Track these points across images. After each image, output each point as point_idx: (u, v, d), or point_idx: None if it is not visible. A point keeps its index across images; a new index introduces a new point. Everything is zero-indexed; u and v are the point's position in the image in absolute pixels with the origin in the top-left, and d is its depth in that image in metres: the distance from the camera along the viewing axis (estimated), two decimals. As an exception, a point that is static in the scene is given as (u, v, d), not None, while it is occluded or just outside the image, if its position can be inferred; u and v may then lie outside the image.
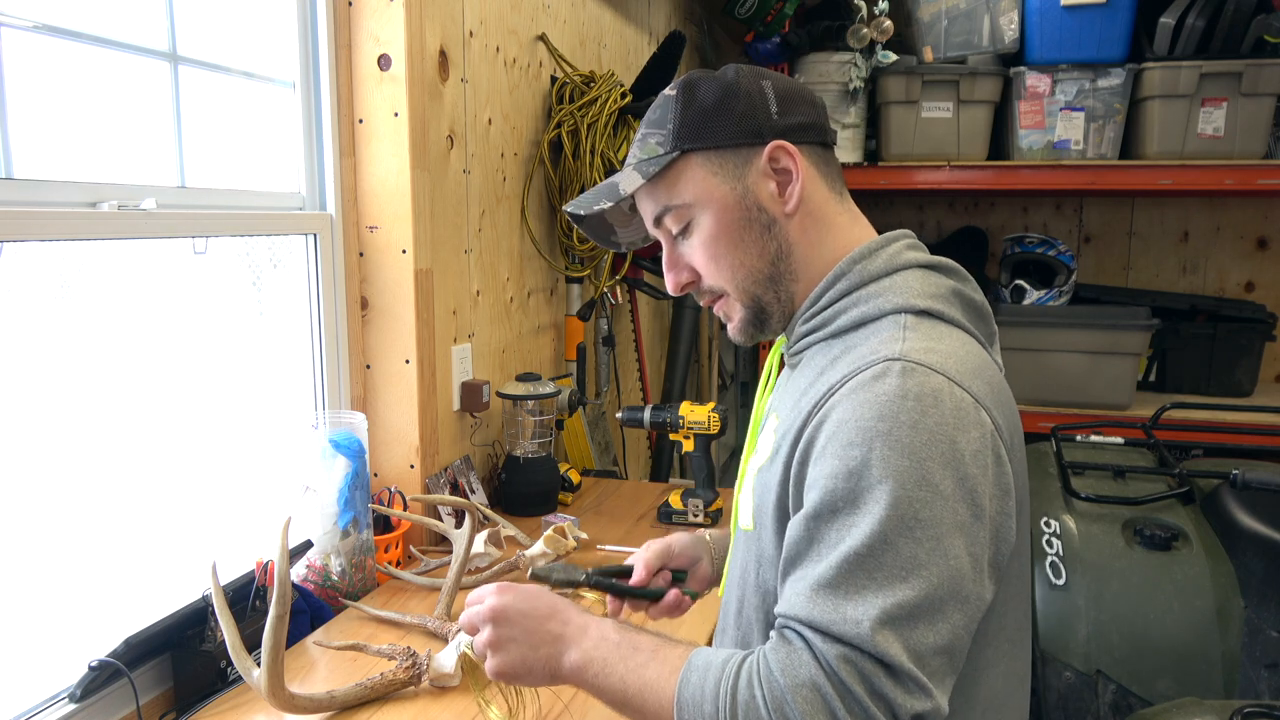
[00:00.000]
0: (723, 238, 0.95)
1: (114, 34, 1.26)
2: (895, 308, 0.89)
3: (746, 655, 0.82)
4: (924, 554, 0.76)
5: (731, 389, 4.15)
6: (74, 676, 1.16)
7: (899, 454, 0.78)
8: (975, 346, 0.90)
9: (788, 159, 0.94)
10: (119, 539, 1.29)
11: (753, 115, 0.94)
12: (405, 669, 1.22)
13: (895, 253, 0.94)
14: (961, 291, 0.94)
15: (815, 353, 0.94)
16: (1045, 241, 3.12)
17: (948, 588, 0.76)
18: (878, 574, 0.76)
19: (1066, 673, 1.81)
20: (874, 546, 0.76)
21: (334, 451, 1.49)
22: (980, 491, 0.79)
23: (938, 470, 0.78)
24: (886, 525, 0.76)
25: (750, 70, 0.97)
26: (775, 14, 3.12)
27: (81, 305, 1.24)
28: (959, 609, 0.77)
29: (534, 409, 1.98)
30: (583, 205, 1.03)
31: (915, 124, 2.99)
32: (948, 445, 0.78)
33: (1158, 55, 2.77)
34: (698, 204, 0.96)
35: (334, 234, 1.67)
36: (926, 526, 0.77)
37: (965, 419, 0.80)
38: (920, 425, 0.78)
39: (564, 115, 2.23)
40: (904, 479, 0.77)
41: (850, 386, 0.83)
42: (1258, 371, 3.15)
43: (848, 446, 0.80)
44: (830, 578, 0.78)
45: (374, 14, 1.65)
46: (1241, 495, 1.87)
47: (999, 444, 0.83)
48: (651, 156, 0.97)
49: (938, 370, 0.82)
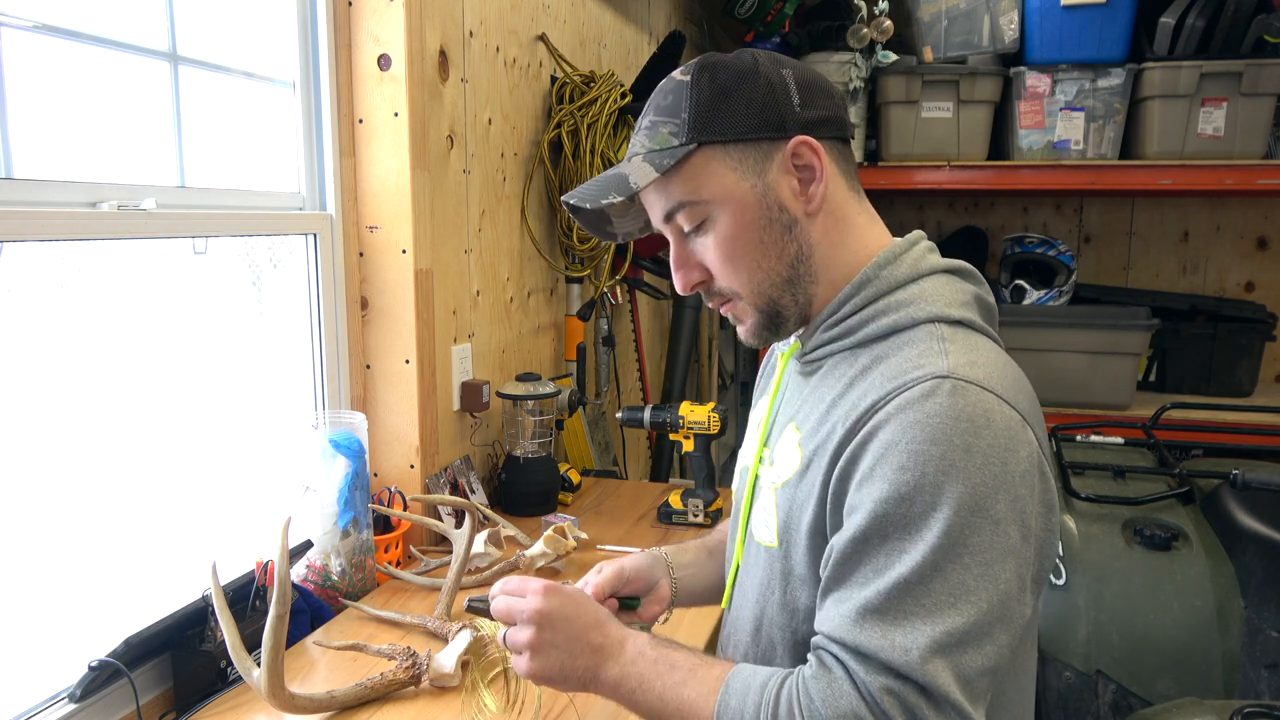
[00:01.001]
0: (741, 239, 0.90)
1: (114, 34, 1.26)
2: (929, 316, 0.86)
3: (786, 677, 0.81)
4: (973, 580, 0.75)
5: (731, 389, 4.14)
6: (74, 676, 1.16)
7: (953, 479, 0.76)
8: (1005, 355, 0.88)
9: (811, 155, 0.88)
10: (119, 539, 1.29)
11: (774, 106, 0.88)
12: (405, 669, 1.22)
13: (919, 256, 0.91)
14: (982, 297, 0.92)
15: (839, 361, 0.90)
16: (1045, 241, 3.12)
17: (996, 612, 0.76)
18: (926, 601, 0.75)
19: (1066, 673, 1.81)
20: (925, 574, 0.75)
21: (334, 451, 1.49)
22: (1028, 512, 0.79)
23: (990, 495, 0.76)
24: (939, 553, 0.75)
25: (769, 56, 0.91)
26: (775, 14, 3.12)
27: (81, 305, 1.24)
28: (1005, 630, 0.77)
29: (534, 409, 1.98)
30: (588, 198, 0.93)
31: (915, 124, 2.99)
32: (1000, 468, 0.77)
33: (1158, 55, 2.77)
34: (715, 202, 0.89)
35: (334, 234, 1.67)
36: (977, 553, 0.76)
37: (1015, 439, 0.79)
38: (974, 449, 0.77)
39: (564, 115, 2.23)
40: (958, 505, 0.76)
41: (897, 404, 0.80)
42: (1258, 371, 3.14)
43: (899, 470, 0.77)
44: (878, 604, 0.76)
45: (374, 14, 1.65)
46: (1241, 495, 1.87)
47: (1043, 461, 0.82)
48: (664, 148, 0.89)
49: (987, 388, 0.80)
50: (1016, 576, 0.77)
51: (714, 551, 1.17)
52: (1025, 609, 0.79)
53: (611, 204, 0.92)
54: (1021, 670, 0.90)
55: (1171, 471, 2.09)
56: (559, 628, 0.88)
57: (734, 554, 1.02)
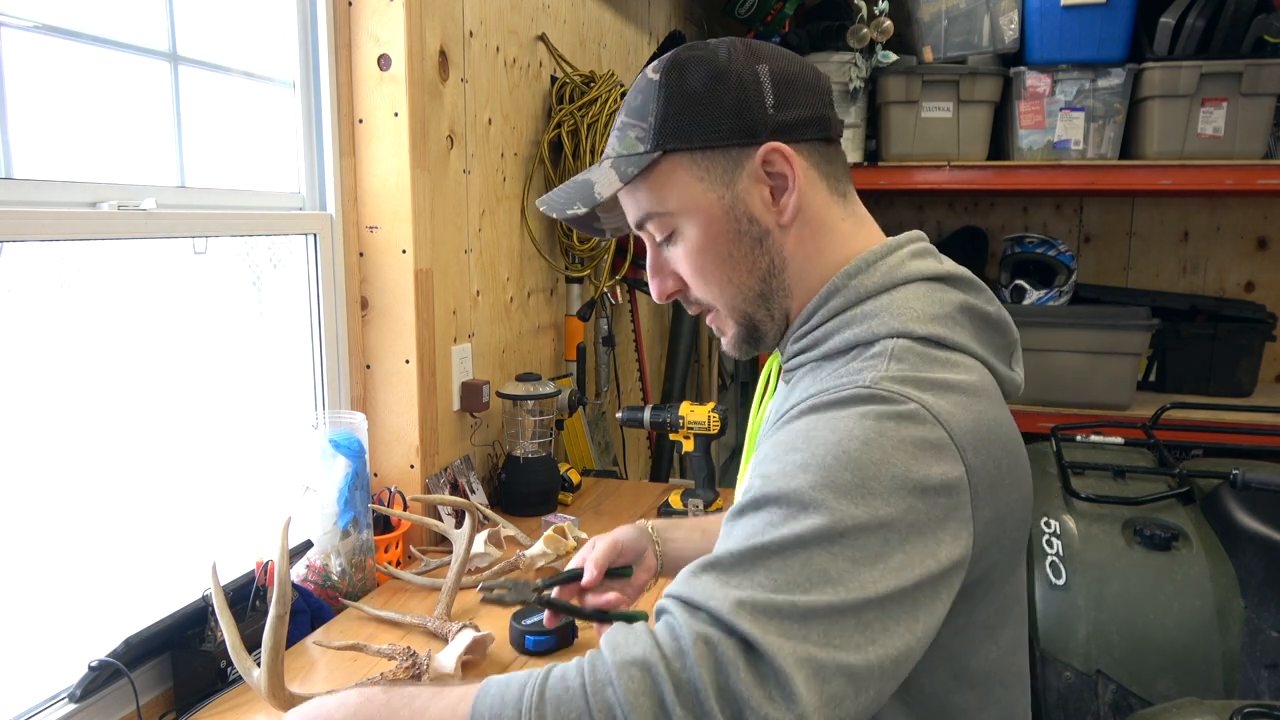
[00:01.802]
0: (709, 252, 0.86)
1: (114, 34, 1.26)
2: (890, 332, 0.79)
3: (553, 666, 0.70)
4: (836, 572, 0.66)
5: (731, 389, 4.14)
6: (74, 676, 1.16)
7: (844, 466, 0.69)
8: (976, 376, 0.80)
9: (783, 163, 0.83)
10: (119, 539, 1.29)
11: (745, 109, 0.83)
12: (405, 669, 1.22)
13: (896, 264, 0.85)
14: (972, 306, 0.85)
15: (806, 373, 0.86)
16: (1045, 241, 3.12)
17: (855, 614, 0.65)
18: (779, 574, 0.65)
19: (1066, 673, 1.81)
20: (786, 548, 0.66)
21: (334, 451, 1.49)
22: (923, 529, 0.69)
23: (881, 494, 0.68)
24: (807, 533, 0.67)
25: (745, 50, 0.85)
26: (775, 14, 3.12)
27: (81, 305, 1.24)
28: (873, 646, 0.65)
29: (534, 409, 1.98)
30: (554, 208, 0.92)
31: (915, 124, 2.99)
32: (901, 470, 0.69)
33: (1158, 55, 2.77)
34: (681, 213, 0.85)
35: (334, 234, 1.67)
36: (849, 547, 0.66)
37: (928, 452, 0.71)
38: (873, 444, 0.70)
39: (564, 115, 2.23)
40: (841, 492, 0.68)
41: (810, 404, 0.76)
42: (1258, 371, 3.15)
43: (789, 450, 0.72)
44: (725, 562, 0.67)
45: (374, 14, 1.65)
46: (1241, 495, 1.87)
47: (964, 489, 0.72)
48: (630, 153, 0.86)
49: (912, 399, 0.73)
50: (894, 591, 0.67)
51: (708, 531, 1.17)
52: (910, 640, 0.67)
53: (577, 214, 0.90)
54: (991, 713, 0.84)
55: (1171, 471, 2.09)
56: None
57: None
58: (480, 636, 1.29)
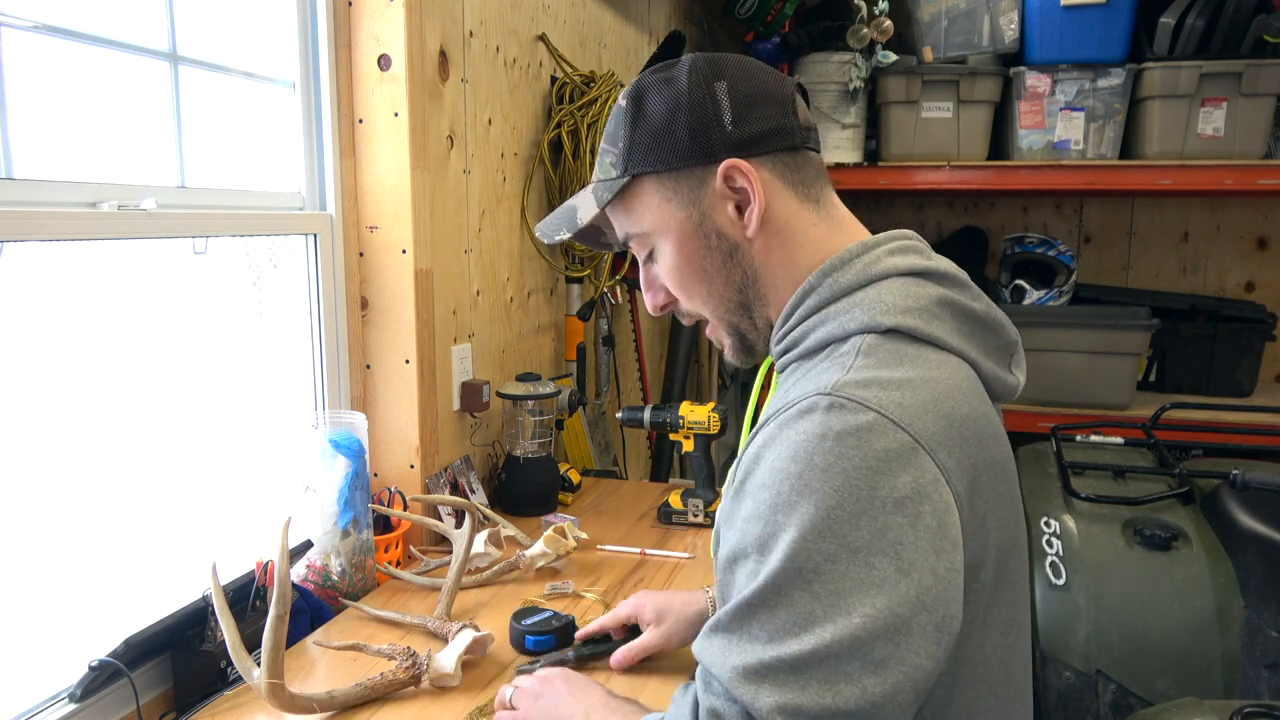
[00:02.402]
0: (686, 268, 0.89)
1: (114, 34, 1.26)
2: (861, 326, 0.80)
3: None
4: (820, 609, 0.68)
5: (731, 389, 4.14)
6: (74, 676, 1.16)
7: (806, 500, 0.70)
8: (950, 370, 0.80)
9: (743, 179, 0.85)
10: (119, 539, 1.29)
11: (703, 130, 0.85)
12: (405, 669, 1.22)
13: (871, 261, 0.85)
14: (954, 301, 0.84)
15: (789, 374, 0.87)
16: (1045, 241, 3.12)
17: (849, 647, 0.68)
18: (769, 625, 0.70)
19: (1066, 673, 1.81)
20: (768, 597, 0.71)
21: (334, 451, 1.49)
22: (906, 544, 0.69)
23: (848, 520, 0.69)
24: (783, 576, 0.70)
25: (705, 69, 0.87)
26: (775, 14, 3.12)
27: (81, 305, 1.24)
28: (871, 673, 0.67)
29: (534, 409, 1.98)
30: (545, 234, 1.00)
31: (915, 124, 2.99)
32: (866, 492, 0.70)
33: (1158, 55, 2.77)
34: (655, 232, 0.90)
35: (334, 234, 1.67)
36: (826, 580, 0.69)
37: (893, 462, 0.71)
38: (834, 469, 0.70)
39: (564, 115, 2.23)
40: (806, 528, 0.70)
41: (778, 422, 0.76)
42: (1258, 371, 3.15)
43: (760, 488, 0.74)
44: (726, 622, 0.74)
45: (374, 14, 1.65)
46: (1241, 495, 1.87)
47: (942, 491, 0.72)
48: (606, 179, 0.91)
49: (870, 406, 0.72)
50: (888, 614, 0.68)
51: None
52: (912, 655, 0.69)
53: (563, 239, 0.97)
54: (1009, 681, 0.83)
55: (1171, 471, 2.09)
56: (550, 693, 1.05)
57: None
58: (480, 636, 1.29)
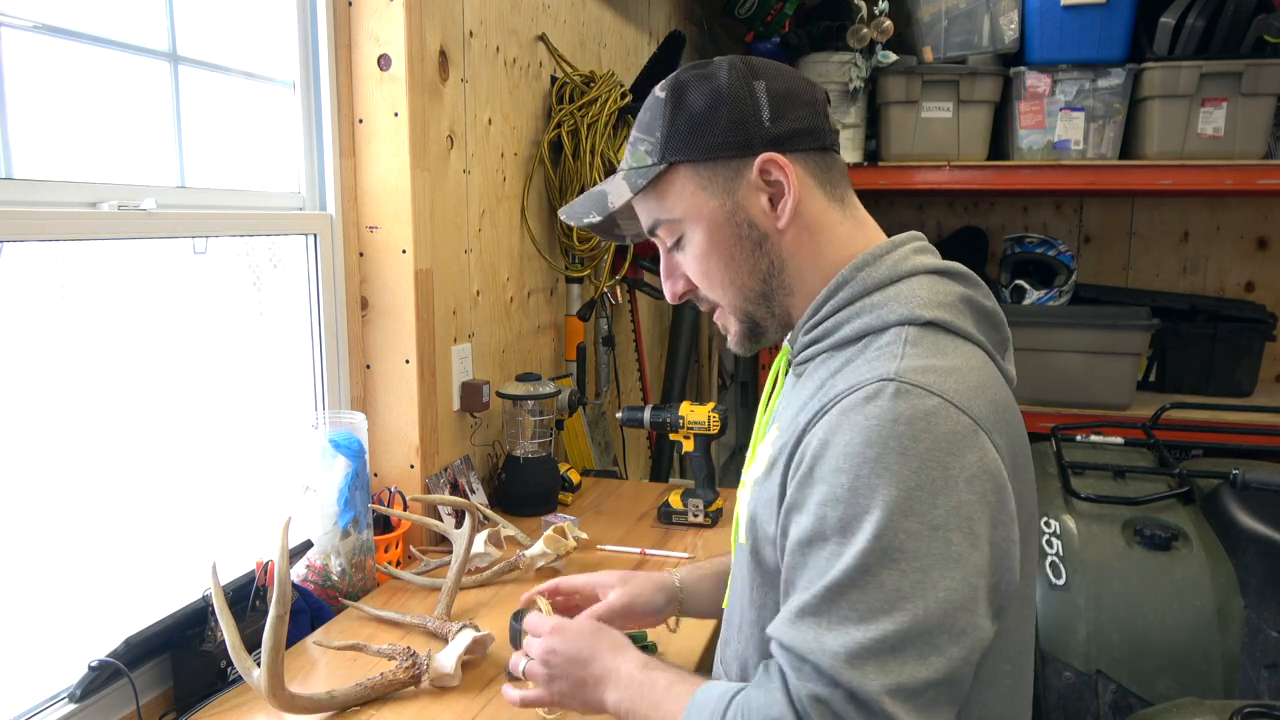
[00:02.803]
0: (713, 255, 0.93)
1: (114, 34, 1.26)
2: (900, 319, 0.85)
3: (737, 693, 0.83)
4: (909, 586, 0.73)
5: (731, 389, 4.14)
6: (74, 676, 1.16)
7: (887, 482, 0.75)
8: (981, 360, 0.86)
9: (779, 172, 0.89)
10: (119, 539, 1.29)
11: (743, 124, 0.89)
12: (405, 669, 1.22)
13: (900, 258, 0.90)
14: (972, 299, 0.90)
15: (819, 364, 0.91)
16: (1045, 241, 3.12)
17: (937, 621, 0.73)
18: (860, 605, 0.74)
19: (1066, 673, 1.81)
20: (857, 577, 0.74)
21: (334, 451, 1.49)
22: (976, 519, 0.76)
23: (927, 499, 0.75)
24: (870, 556, 0.74)
25: (743, 68, 0.92)
26: (775, 14, 3.12)
27: (81, 305, 1.24)
28: (954, 642, 0.74)
29: (534, 409, 1.98)
30: (573, 217, 1.01)
31: (915, 124, 2.99)
32: (940, 472, 0.75)
33: (1158, 55, 2.77)
34: (687, 220, 0.93)
35: (334, 234, 1.67)
36: (912, 558, 0.74)
37: (961, 444, 0.77)
38: (910, 452, 0.75)
39: (564, 115, 2.23)
40: (891, 508, 0.74)
41: (841, 407, 0.80)
42: (1258, 371, 3.15)
43: (835, 473, 0.77)
44: (813, 606, 0.76)
45: (374, 14, 1.65)
46: (1241, 495, 1.87)
47: (1000, 469, 0.79)
48: (640, 166, 0.94)
49: (934, 391, 0.78)
50: (965, 585, 0.74)
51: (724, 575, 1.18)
52: (982, 622, 0.76)
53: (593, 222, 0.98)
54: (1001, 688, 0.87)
55: (1171, 471, 2.09)
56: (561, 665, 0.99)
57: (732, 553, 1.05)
58: (480, 636, 1.29)
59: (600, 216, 0.97)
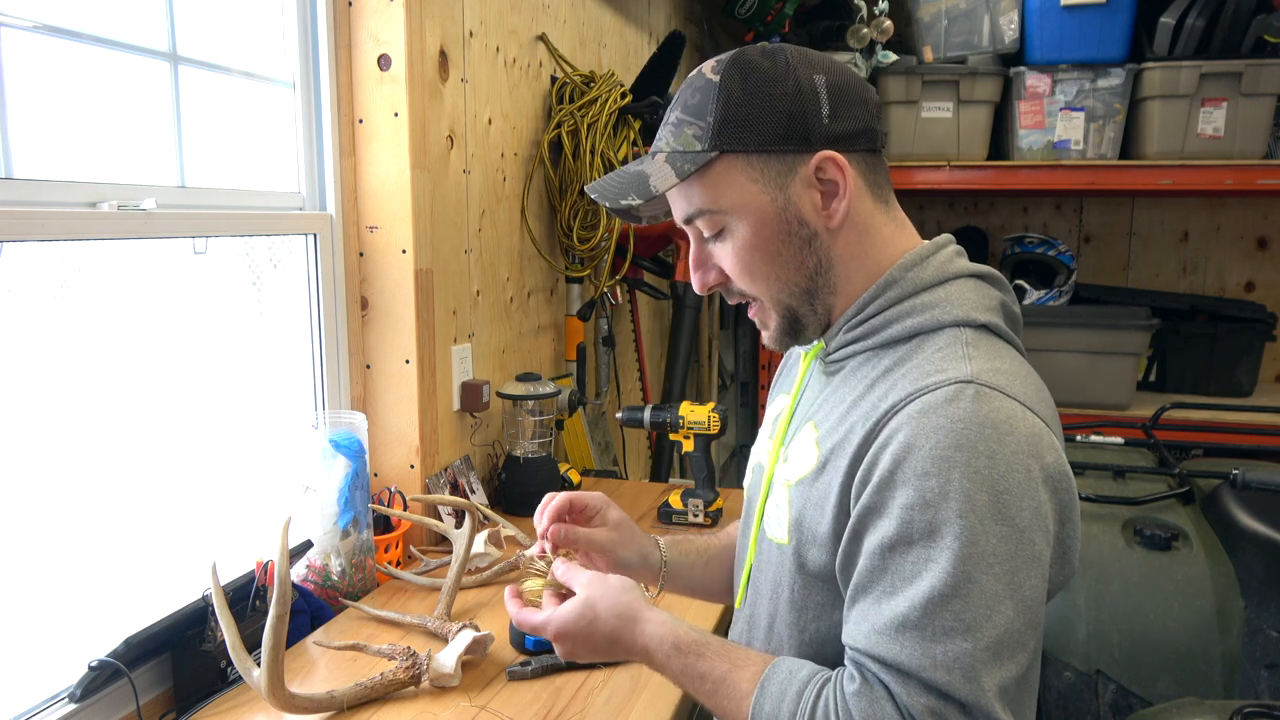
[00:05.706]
0: (759, 250, 0.89)
1: (114, 34, 1.26)
2: (954, 320, 0.86)
3: (823, 685, 0.81)
4: (1002, 589, 0.75)
5: (731, 389, 4.14)
6: (74, 676, 1.16)
7: (978, 486, 0.76)
8: (1028, 365, 0.89)
9: (836, 171, 0.87)
10: (119, 539, 1.29)
11: (802, 117, 0.86)
12: (405, 669, 1.22)
13: (946, 260, 0.91)
14: (1007, 304, 0.92)
15: (861, 362, 0.90)
16: (1045, 241, 3.12)
17: (1024, 619, 0.76)
18: (965, 615, 0.75)
19: (1066, 673, 1.81)
20: (958, 585, 0.75)
21: (334, 451, 1.49)
22: (1049, 518, 0.79)
23: (1014, 502, 0.76)
24: (968, 562, 0.75)
25: (804, 59, 0.88)
26: (775, 14, 3.12)
27: (81, 305, 1.24)
28: (1033, 636, 0.78)
29: (534, 409, 1.97)
30: (608, 197, 0.94)
31: (915, 124, 2.99)
32: (1023, 475, 0.77)
33: (1158, 55, 2.77)
34: (734, 212, 0.89)
35: (334, 234, 1.67)
36: (1004, 560, 0.76)
37: (1039, 445, 0.79)
38: (998, 455, 0.77)
39: (564, 115, 2.23)
40: (983, 513, 0.76)
41: (919, 407, 0.79)
42: (1258, 371, 3.15)
43: (923, 476, 0.77)
44: (915, 618, 0.76)
45: (374, 14, 1.65)
46: (1241, 495, 1.87)
47: (1068, 468, 0.82)
48: (688, 150, 0.88)
49: (1010, 394, 0.80)
50: (1042, 582, 0.78)
51: (711, 560, 1.17)
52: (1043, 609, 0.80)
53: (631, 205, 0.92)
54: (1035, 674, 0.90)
55: (1171, 471, 2.09)
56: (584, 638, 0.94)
57: (747, 552, 1.02)
58: (480, 636, 1.29)
59: (641, 200, 0.90)
